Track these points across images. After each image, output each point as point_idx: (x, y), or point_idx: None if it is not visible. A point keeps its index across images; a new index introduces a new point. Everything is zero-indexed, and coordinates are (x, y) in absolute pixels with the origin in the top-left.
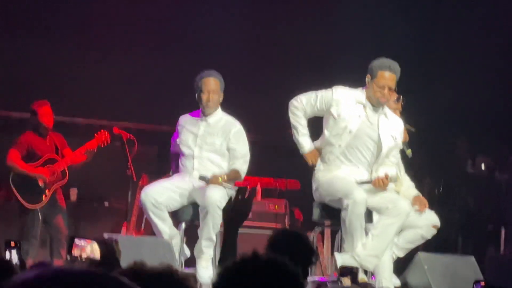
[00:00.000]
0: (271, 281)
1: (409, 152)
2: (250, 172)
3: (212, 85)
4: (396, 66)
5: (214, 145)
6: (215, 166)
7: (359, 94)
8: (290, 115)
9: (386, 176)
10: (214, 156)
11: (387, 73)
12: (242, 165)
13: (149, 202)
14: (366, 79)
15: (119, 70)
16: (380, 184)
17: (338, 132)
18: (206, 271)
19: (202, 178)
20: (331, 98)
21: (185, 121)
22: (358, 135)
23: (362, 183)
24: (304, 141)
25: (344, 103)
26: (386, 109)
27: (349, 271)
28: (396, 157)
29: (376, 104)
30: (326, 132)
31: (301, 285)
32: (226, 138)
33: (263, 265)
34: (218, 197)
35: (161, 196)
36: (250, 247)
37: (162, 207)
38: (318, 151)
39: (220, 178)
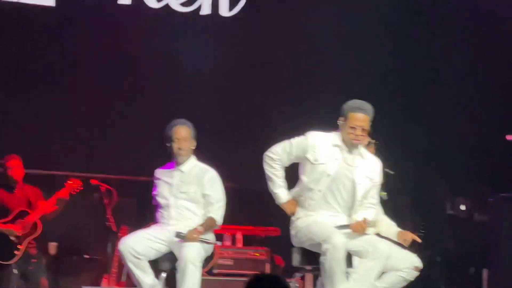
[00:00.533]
0: None
1: (383, 194)
2: (230, 220)
3: (182, 133)
4: (368, 106)
5: (189, 194)
6: (192, 214)
7: (333, 137)
8: (266, 167)
9: (365, 220)
10: (190, 205)
11: (359, 115)
12: (217, 211)
13: (127, 253)
14: (338, 122)
15: (96, 121)
16: (358, 229)
17: (316, 177)
18: None
19: (178, 235)
20: (306, 143)
21: (160, 172)
22: (336, 178)
23: (341, 227)
24: (281, 192)
25: (320, 147)
26: (362, 150)
27: None
28: (375, 198)
29: (350, 146)
30: (304, 178)
31: None
32: (200, 185)
33: None
34: (192, 255)
35: (139, 245)
36: None
37: (141, 257)
38: (296, 199)
39: (196, 233)
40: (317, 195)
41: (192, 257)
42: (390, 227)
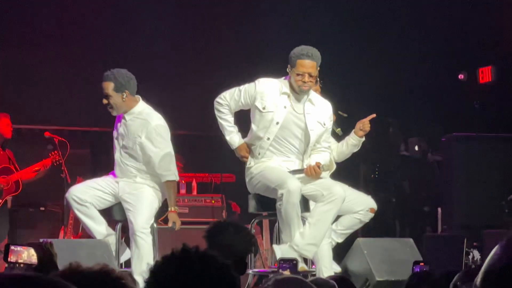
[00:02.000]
0: (202, 275)
1: (338, 130)
2: (185, 168)
3: (104, 89)
4: (315, 52)
5: (128, 149)
6: (135, 170)
7: (282, 84)
8: (216, 113)
9: (318, 165)
10: (132, 161)
11: (306, 61)
12: (168, 168)
13: (71, 199)
14: (287, 69)
15: (47, 72)
16: (312, 173)
17: (265, 125)
18: None
19: (170, 229)
20: (255, 91)
21: (115, 125)
22: (285, 125)
23: (295, 172)
24: (232, 138)
25: (268, 95)
26: (312, 95)
27: (289, 263)
28: (327, 141)
29: (299, 92)
30: (253, 126)
31: (232, 277)
32: (139, 140)
33: (193, 259)
34: (141, 224)
35: (84, 193)
36: (189, 242)
37: (87, 204)
38: (248, 147)
39: (176, 216)
40: (266, 143)
41: (140, 225)
42: (346, 141)
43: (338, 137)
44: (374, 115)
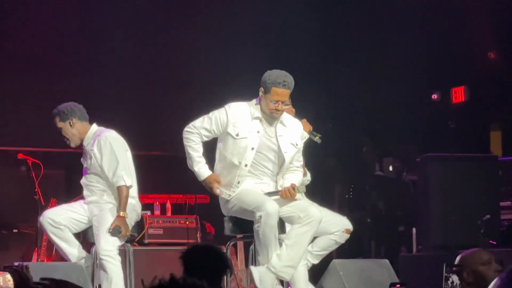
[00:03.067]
0: None
1: (317, 139)
2: (158, 189)
3: (55, 126)
4: (290, 80)
5: (88, 169)
6: (98, 189)
7: (253, 109)
8: (185, 142)
9: (293, 186)
10: (93, 180)
11: (281, 90)
12: (119, 175)
13: (46, 223)
14: (260, 92)
15: (21, 95)
16: (287, 195)
17: (240, 152)
18: None
19: (113, 233)
20: (226, 118)
21: None
22: (259, 150)
23: (270, 194)
24: (201, 169)
25: (240, 120)
26: (283, 116)
27: None
28: (299, 161)
29: (269, 117)
30: (225, 153)
31: None
32: (92, 156)
33: None
34: (107, 248)
35: (58, 216)
36: (163, 264)
37: (62, 227)
38: (220, 176)
39: (125, 221)
40: (243, 170)
41: (104, 248)
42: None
43: (318, 144)
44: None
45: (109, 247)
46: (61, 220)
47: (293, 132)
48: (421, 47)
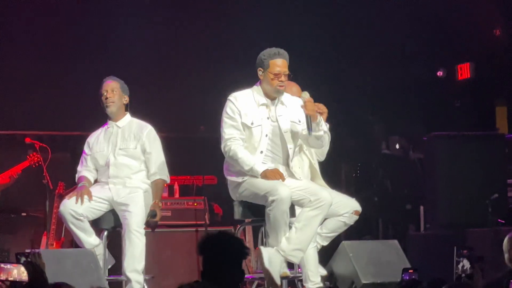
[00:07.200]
0: None
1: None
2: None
3: (110, 86)
4: (284, 51)
5: (128, 150)
6: (130, 171)
7: (257, 94)
8: (233, 157)
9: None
10: (129, 161)
11: (279, 60)
12: (163, 170)
13: (68, 214)
14: (258, 72)
15: (26, 79)
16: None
17: (256, 140)
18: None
19: (150, 214)
20: (236, 108)
21: (94, 135)
22: (271, 136)
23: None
24: (257, 166)
25: (249, 109)
26: (282, 96)
27: None
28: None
29: (275, 94)
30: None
31: None
32: (140, 141)
33: None
34: (136, 223)
35: (79, 207)
36: (172, 246)
37: (82, 218)
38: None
39: (157, 211)
40: (259, 157)
41: (136, 225)
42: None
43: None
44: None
45: (140, 224)
46: (82, 211)
47: (293, 109)
48: (427, 24)
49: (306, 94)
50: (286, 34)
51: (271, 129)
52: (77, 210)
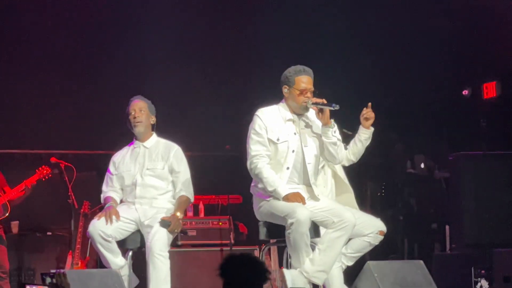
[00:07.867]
0: None
1: (346, 130)
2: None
3: (138, 105)
4: (309, 69)
5: (155, 170)
6: (157, 192)
7: (283, 110)
8: (259, 176)
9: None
10: (156, 182)
11: (304, 77)
12: (188, 188)
13: (97, 235)
14: (284, 90)
15: (51, 98)
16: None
17: (282, 155)
18: None
19: (163, 223)
20: (263, 124)
21: (120, 154)
22: (296, 152)
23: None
24: (280, 189)
25: (274, 125)
26: (306, 113)
27: None
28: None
29: (302, 111)
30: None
31: None
32: (167, 161)
33: None
34: (159, 247)
35: (108, 227)
36: (197, 265)
37: (110, 239)
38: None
39: (178, 221)
40: (285, 173)
41: (159, 248)
42: (357, 138)
43: (348, 137)
44: (370, 104)
45: (164, 247)
46: (111, 232)
47: (315, 123)
48: (452, 42)
49: (309, 103)
50: (311, 52)
51: (297, 145)
52: (106, 231)
